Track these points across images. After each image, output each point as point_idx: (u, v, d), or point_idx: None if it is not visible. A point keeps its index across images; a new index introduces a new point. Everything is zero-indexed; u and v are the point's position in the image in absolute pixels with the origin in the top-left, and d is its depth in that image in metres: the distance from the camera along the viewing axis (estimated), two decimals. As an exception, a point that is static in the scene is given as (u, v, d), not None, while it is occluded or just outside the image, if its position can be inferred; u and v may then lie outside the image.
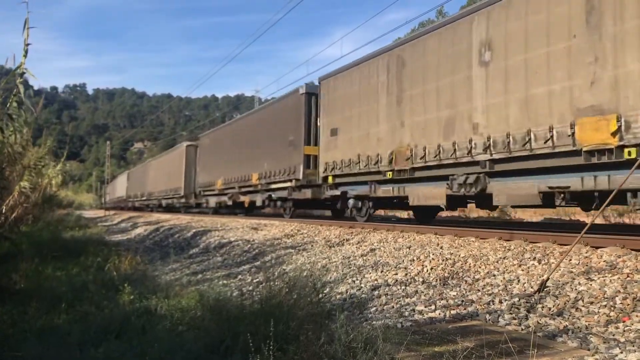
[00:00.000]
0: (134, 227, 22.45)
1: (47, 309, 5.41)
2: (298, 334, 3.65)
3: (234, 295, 6.20)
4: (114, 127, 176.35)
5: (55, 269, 8.12)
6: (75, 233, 15.52)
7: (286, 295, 4.25)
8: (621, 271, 5.13)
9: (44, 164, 10.39)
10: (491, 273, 5.93)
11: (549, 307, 4.56)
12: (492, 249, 6.85)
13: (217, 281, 7.72)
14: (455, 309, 4.93)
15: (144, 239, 16.78)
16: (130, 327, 4.53)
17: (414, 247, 7.91)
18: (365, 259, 7.74)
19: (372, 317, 5.01)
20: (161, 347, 3.79)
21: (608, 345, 3.56)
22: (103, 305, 5.47)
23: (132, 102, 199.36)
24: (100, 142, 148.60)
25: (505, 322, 4.37)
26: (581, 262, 5.63)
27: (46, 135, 10.71)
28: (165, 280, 7.71)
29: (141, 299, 5.64)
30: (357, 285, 6.35)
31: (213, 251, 11.39)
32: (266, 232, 12.48)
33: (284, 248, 9.84)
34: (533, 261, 6.03)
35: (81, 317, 5.07)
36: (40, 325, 4.89)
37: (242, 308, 4.35)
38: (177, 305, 5.15)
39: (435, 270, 6.44)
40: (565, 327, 4.05)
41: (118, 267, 8.23)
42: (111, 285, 6.58)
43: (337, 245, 9.38)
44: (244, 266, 8.96)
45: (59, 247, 10.18)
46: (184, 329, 4.38)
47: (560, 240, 6.79)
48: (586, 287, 4.87)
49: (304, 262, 8.14)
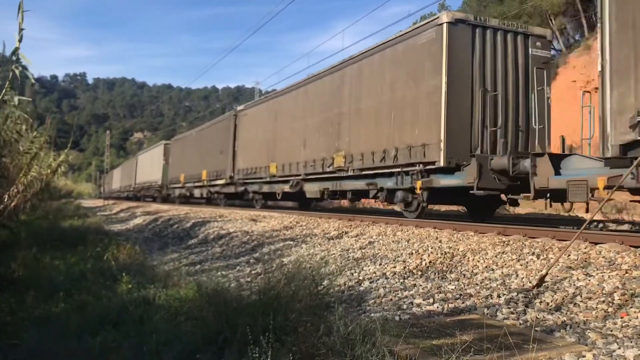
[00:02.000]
0: (133, 217, 22.44)
1: (45, 297, 5.41)
2: (296, 326, 3.65)
3: (232, 286, 6.19)
4: (114, 116, 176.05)
5: (54, 258, 8.11)
6: (74, 222, 15.50)
7: (284, 287, 4.24)
8: (620, 267, 5.13)
9: (42, 151, 10.33)
10: (489, 267, 5.93)
11: (547, 302, 4.56)
12: (491, 244, 6.85)
13: (215, 272, 7.72)
14: (454, 302, 4.93)
15: (142, 229, 16.77)
16: (128, 317, 4.53)
17: (413, 240, 7.91)
18: (363, 251, 7.74)
19: (370, 309, 5.01)
20: (158, 337, 3.78)
21: (606, 340, 3.56)
22: (101, 294, 5.46)
23: (132, 92, 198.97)
24: (100, 132, 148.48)
25: (503, 316, 4.37)
26: (580, 258, 5.63)
27: (50, 124, 10.65)
28: (163, 270, 7.71)
29: (139, 288, 5.64)
30: (356, 277, 6.35)
31: (212, 242, 11.39)
32: (265, 224, 12.48)
33: (282, 240, 9.84)
34: (532, 256, 6.02)
35: (79, 307, 5.07)
36: (38, 314, 4.89)
37: (241, 299, 4.35)
38: (175, 296, 5.14)
39: (434, 264, 6.44)
40: (563, 322, 4.05)
41: (116, 257, 8.22)
42: (109, 275, 6.57)
43: (335, 237, 9.38)
44: (243, 257, 8.96)
45: (57, 236, 10.18)
46: (182, 319, 4.38)
47: (560, 236, 6.80)
48: (584, 282, 4.87)
49: (303, 254, 8.14)
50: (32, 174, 8.82)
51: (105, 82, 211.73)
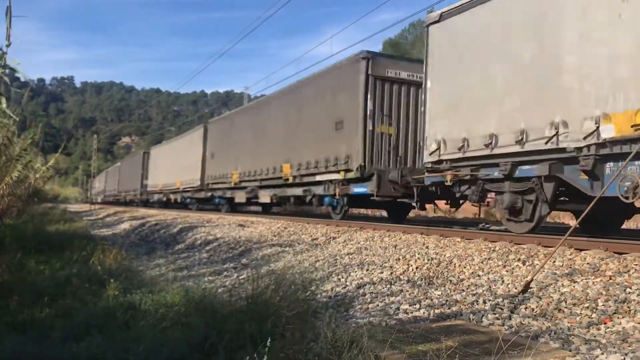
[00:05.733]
0: (120, 222, 22.28)
1: (30, 303, 5.35)
2: (283, 332, 3.65)
3: (219, 292, 6.17)
4: (102, 120, 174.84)
5: (39, 262, 8.02)
6: (60, 227, 15.37)
7: (272, 292, 4.24)
8: (604, 274, 5.19)
9: (30, 159, 10.24)
10: (476, 273, 5.97)
11: (532, 308, 4.60)
12: (477, 250, 6.89)
13: (203, 277, 7.69)
14: (440, 308, 4.96)
15: (129, 234, 16.66)
16: (114, 323, 4.50)
17: (400, 246, 7.94)
18: (351, 257, 7.75)
19: (357, 315, 5.02)
20: (144, 343, 3.76)
21: (589, 346, 3.60)
22: (87, 300, 5.42)
23: (120, 96, 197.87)
24: (87, 136, 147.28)
25: (488, 322, 4.40)
26: (565, 264, 5.68)
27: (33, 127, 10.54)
28: (150, 275, 7.66)
29: (125, 293, 5.60)
30: (343, 283, 6.36)
31: (199, 247, 11.34)
32: (253, 230, 12.46)
33: (270, 246, 9.82)
34: (517, 262, 6.07)
35: (64, 312, 5.03)
36: (22, 319, 4.84)
37: (228, 305, 4.34)
38: (162, 301, 5.11)
39: (421, 270, 6.46)
40: (548, 328, 4.09)
41: (103, 262, 8.16)
42: (95, 280, 6.52)
43: (323, 243, 9.39)
44: (230, 263, 8.93)
45: (43, 241, 10.07)
46: (168, 325, 4.35)
47: (545, 243, 6.86)
48: (569, 288, 4.92)
49: (290, 260, 8.13)
50: (15, 175, 8.70)
51: (93, 86, 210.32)
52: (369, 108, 12.18)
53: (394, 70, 12.59)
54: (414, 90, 12.78)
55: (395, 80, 12.62)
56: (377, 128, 12.30)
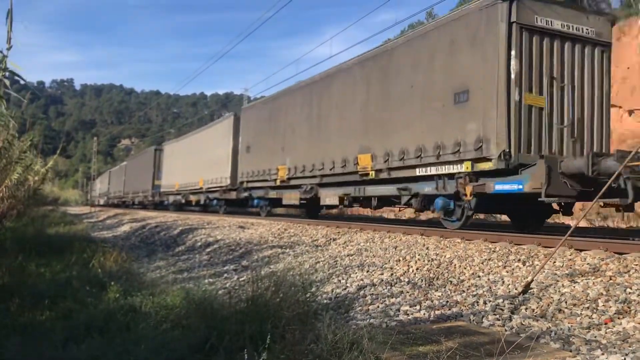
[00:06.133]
0: (120, 224, 22.28)
1: (30, 305, 5.35)
2: (284, 333, 3.65)
3: (219, 294, 6.17)
4: (101, 123, 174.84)
5: (39, 265, 8.02)
6: (60, 229, 15.37)
7: (272, 294, 4.25)
8: (604, 274, 5.19)
9: (30, 162, 10.25)
10: (476, 274, 5.97)
11: (532, 309, 4.60)
12: (478, 251, 6.89)
13: (203, 279, 7.69)
14: (440, 309, 4.96)
15: (129, 236, 16.65)
16: (115, 325, 4.50)
17: (400, 247, 7.94)
18: (351, 258, 7.76)
19: (357, 316, 5.02)
20: (145, 345, 3.76)
21: (590, 346, 3.60)
22: (87, 302, 5.42)
23: (120, 98, 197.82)
24: (87, 138, 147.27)
25: (489, 322, 4.40)
26: (565, 265, 5.68)
27: (31, 130, 10.55)
28: (150, 277, 7.66)
29: (126, 296, 5.60)
30: (343, 284, 6.36)
31: (199, 249, 11.34)
32: (253, 231, 12.46)
33: (270, 247, 9.82)
34: (518, 263, 6.08)
35: (65, 314, 5.03)
36: (22, 321, 4.83)
37: (228, 307, 4.34)
38: (162, 303, 5.11)
39: (421, 271, 6.47)
40: (549, 329, 4.09)
41: (103, 264, 8.16)
42: (96, 282, 6.52)
43: (324, 245, 9.39)
44: (231, 265, 8.93)
45: (43, 243, 10.07)
46: (169, 327, 4.36)
47: (545, 243, 6.86)
48: (569, 289, 4.92)
49: (291, 262, 8.13)
50: (15, 177, 8.71)
51: (92, 88, 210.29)
52: (514, 70, 8.71)
53: (544, 18, 9.02)
54: (576, 47, 9.29)
55: (547, 32, 9.08)
56: (527, 99, 8.86)
